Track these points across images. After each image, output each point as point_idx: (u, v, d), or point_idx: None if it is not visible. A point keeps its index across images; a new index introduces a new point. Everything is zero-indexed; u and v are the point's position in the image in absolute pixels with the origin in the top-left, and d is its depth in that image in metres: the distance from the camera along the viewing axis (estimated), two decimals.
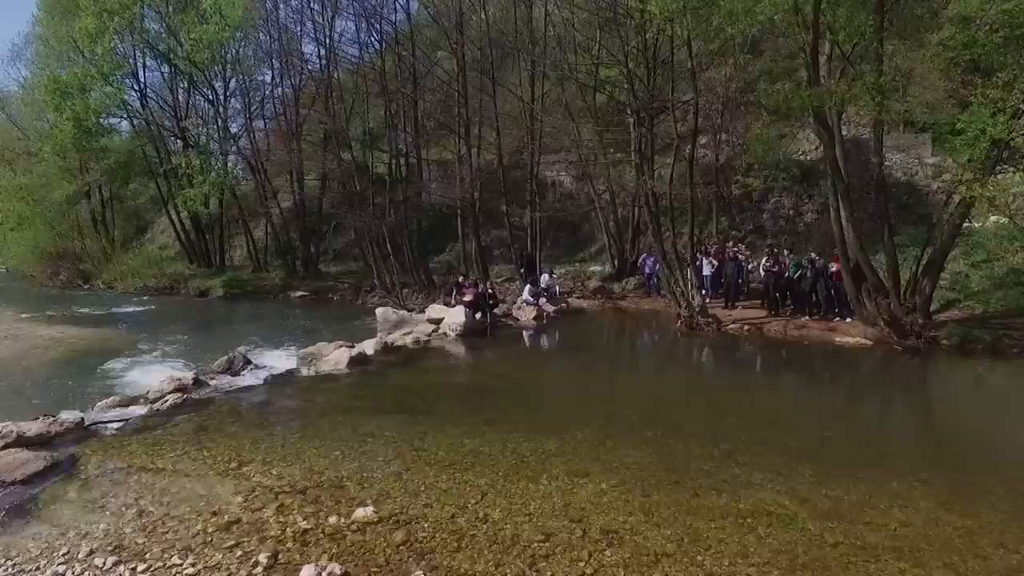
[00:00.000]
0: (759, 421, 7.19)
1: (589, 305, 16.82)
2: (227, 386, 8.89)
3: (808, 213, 19.95)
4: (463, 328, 12.44)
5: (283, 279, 24.82)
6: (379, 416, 7.35)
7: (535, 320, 14.55)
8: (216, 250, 28.59)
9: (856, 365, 10.64)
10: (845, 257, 11.99)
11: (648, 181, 12.38)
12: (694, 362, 11.42)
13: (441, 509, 4.84)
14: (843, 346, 11.49)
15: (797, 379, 9.92)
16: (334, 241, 27.71)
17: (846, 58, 11.13)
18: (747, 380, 9.79)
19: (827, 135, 11.51)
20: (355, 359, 10.10)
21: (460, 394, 8.43)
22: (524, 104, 16.70)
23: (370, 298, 21.34)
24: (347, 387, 8.92)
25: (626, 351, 12.81)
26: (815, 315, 13.07)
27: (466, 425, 7.00)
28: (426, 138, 23.43)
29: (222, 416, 7.41)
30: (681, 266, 13.95)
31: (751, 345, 11.95)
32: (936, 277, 11.51)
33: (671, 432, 6.70)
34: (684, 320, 12.92)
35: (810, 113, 11.38)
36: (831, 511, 4.77)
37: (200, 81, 23.98)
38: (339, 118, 21.21)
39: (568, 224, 23.34)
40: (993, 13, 10.79)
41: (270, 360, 11.41)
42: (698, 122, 12.69)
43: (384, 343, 11.05)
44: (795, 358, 11.10)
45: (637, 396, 8.44)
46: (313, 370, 10.01)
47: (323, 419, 7.31)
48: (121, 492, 5.23)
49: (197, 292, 24.48)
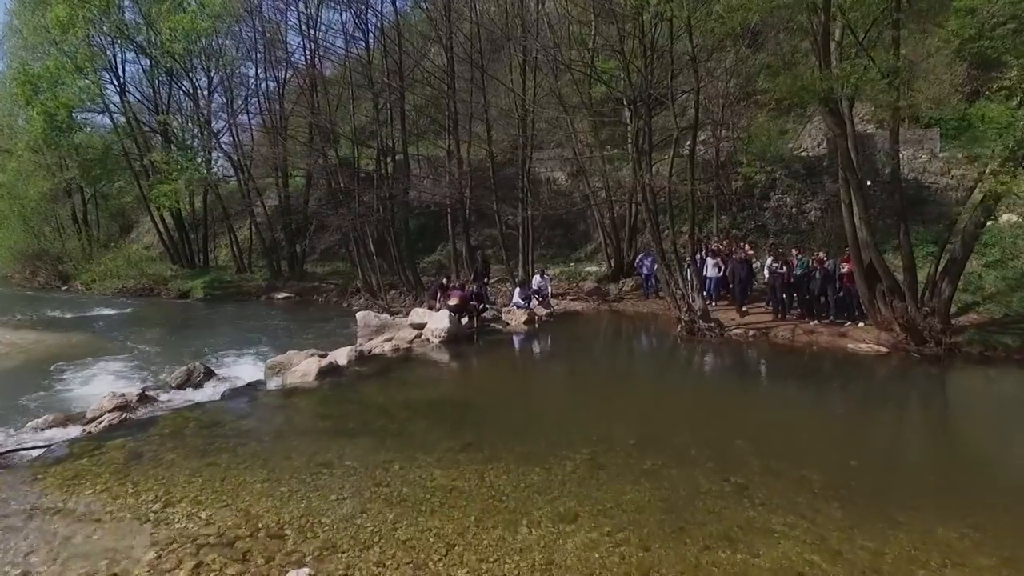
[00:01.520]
0: (773, 445, 6.32)
1: (584, 307, 15.95)
2: (179, 402, 7.99)
3: (812, 211, 19.18)
4: (447, 334, 11.55)
5: (267, 280, 23.94)
6: (341, 440, 6.46)
7: (526, 324, 13.67)
8: (200, 250, 27.69)
9: (873, 375, 9.79)
10: (858, 257, 11.15)
11: (646, 176, 11.49)
12: (696, 372, 10.54)
13: (396, 569, 3.97)
14: (856, 353, 10.64)
15: (810, 392, 9.03)
16: (321, 240, 26.76)
17: (859, 42, 10.25)
18: (756, 394, 8.91)
19: (838, 126, 10.66)
20: (325, 370, 9.20)
21: (437, 412, 7.54)
22: (516, 96, 15.77)
23: (355, 300, 20.47)
24: (312, 403, 8.02)
25: (622, 360, 11.88)
26: (824, 319, 12.23)
27: (439, 452, 6.12)
28: (416, 134, 22.60)
29: (162, 441, 6.51)
30: (681, 267, 13.10)
31: (757, 352, 11.08)
32: (956, 279, 10.68)
33: (674, 460, 5.83)
34: (684, 325, 12.06)
35: (819, 102, 10.50)
36: (871, 570, 3.90)
37: (179, 73, 22.97)
38: (324, 112, 20.28)
39: (563, 223, 22.47)
40: (1000, 4, 10.03)
41: (236, 370, 10.54)
42: (699, 113, 11.80)
43: (359, 352, 10.14)
44: (806, 367, 10.24)
45: (635, 414, 7.55)
46: (279, 382, 9.11)
47: (277, 444, 6.42)
48: (12, 542, 4.33)
49: (177, 294, 23.56)
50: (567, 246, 22.38)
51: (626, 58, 11.53)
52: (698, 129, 11.95)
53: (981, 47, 11.51)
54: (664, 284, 12.92)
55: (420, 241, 25.17)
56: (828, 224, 18.46)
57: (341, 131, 22.10)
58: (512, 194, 18.97)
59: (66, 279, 27.53)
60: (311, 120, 21.01)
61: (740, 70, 18.98)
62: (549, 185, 23.42)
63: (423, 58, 19.66)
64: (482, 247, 21.31)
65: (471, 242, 19.91)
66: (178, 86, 24.55)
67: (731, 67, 18.42)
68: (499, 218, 17.45)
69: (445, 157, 19.46)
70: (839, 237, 17.93)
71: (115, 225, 37.44)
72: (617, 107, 18.57)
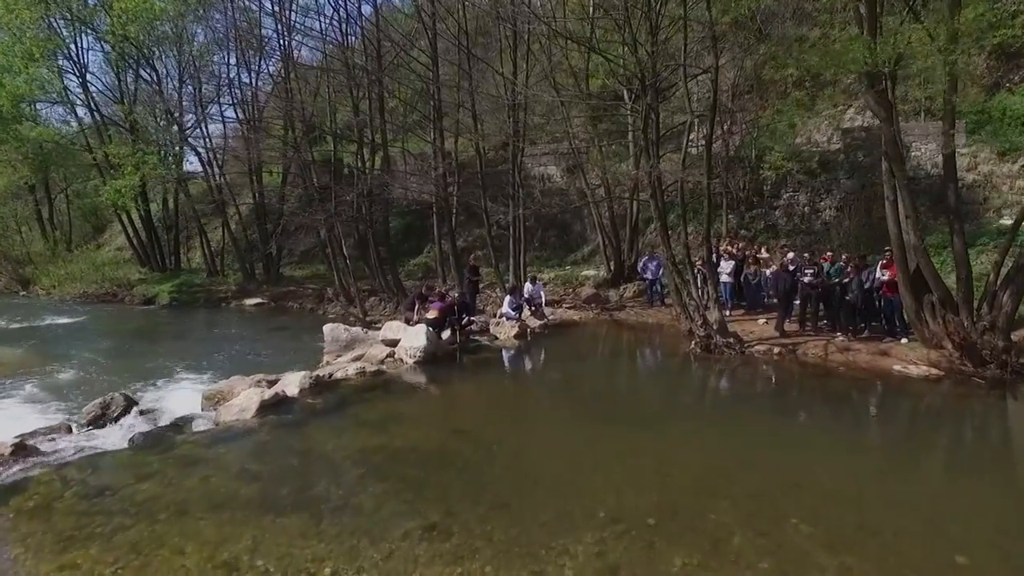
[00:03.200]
0: (842, 526, 4.67)
1: (581, 317, 14.28)
2: (70, 453, 6.28)
3: (826, 210, 17.64)
4: (423, 353, 9.84)
5: (239, 284, 22.18)
6: (264, 520, 4.78)
7: (517, 338, 12.00)
8: (172, 253, 25.88)
9: (936, 407, 8.16)
10: (903, 263, 9.54)
11: (654, 167, 9.80)
12: (721, 405, 8.80)
13: None
14: (907, 376, 9.01)
15: (871, 436, 7.16)
16: (301, 242, 25.04)
17: (909, 5, 8.61)
18: (802, 439, 7.07)
19: (884, 108, 9.01)
20: (270, 404, 7.51)
21: (398, 469, 5.86)
22: (505, 80, 14.05)
23: (332, 307, 18.79)
24: (241, 455, 6.31)
25: (629, 386, 10.02)
26: (859, 333, 10.60)
27: (393, 539, 4.46)
28: (403, 128, 20.91)
29: (16, 522, 4.82)
30: (693, 272, 11.47)
31: (788, 376, 9.42)
32: (1022, 289, 9.05)
33: (712, 555, 4.20)
34: (699, 341, 10.42)
35: (864, 79, 8.85)
36: None
37: (140, 61, 21.14)
38: (299, 102, 18.54)
39: (558, 222, 20.82)
40: None
41: (168, 399, 8.88)
42: (717, 94, 10.12)
43: (315, 378, 8.42)
44: (853, 397, 8.57)
45: (651, 470, 5.87)
46: (211, 420, 7.42)
47: (173, 526, 4.73)
48: None
49: (142, 299, 21.76)
50: (562, 248, 20.74)
51: (632, 28, 9.80)
52: (716, 114, 10.28)
53: (1003, 36, 10.00)
54: (673, 292, 11.26)
55: (406, 242, 23.49)
56: (845, 224, 16.94)
57: (317, 122, 20.40)
58: (503, 192, 17.30)
59: (26, 283, 25.64)
60: (285, 110, 19.28)
61: (746, 59, 17.50)
62: (543, 182, 21.77)
63: (406, 42, 17.89)
64: (472, 249, 19.66)
65: (456, 243, 18.22)
66: (140, 75, 22.69)
67: (739, 55, 16.93)
68: (487, 217, 15.75)
69: (431, 152, 17.75)
70: (857, 239, 16.41)
71: (88, 225, 35.63)
72: (617, 98, 16.88)
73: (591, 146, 17.27)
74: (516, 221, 15.03)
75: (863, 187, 16.93)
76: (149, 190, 24.66)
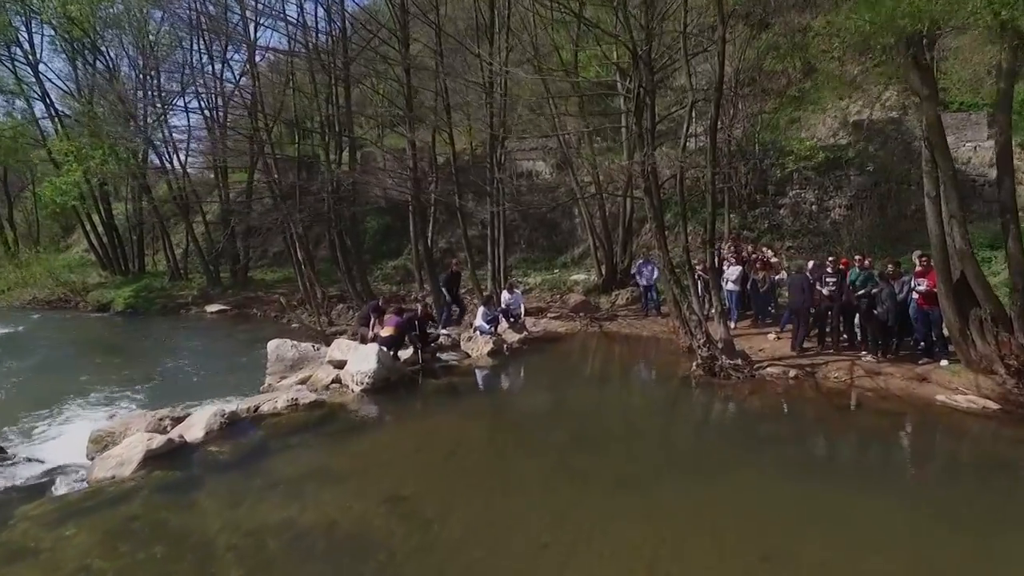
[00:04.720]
0: None
1: (567, 328, 12.66)
2: None
3: (835, 209, 16.22)
4: (373, 379, 8.21)
5: (202, 289, 20.52)
6: None
7: (491, 356, 10.39)
8: (135, 256, 24.19)
9: (995, 452, 6.57)
10: (945, 270, 7.99)
11: (650, 155, 8.17)
12: (730, 454, 6.78)
13: None
14: (953, 409, 7.43)
15: (928, 495, 5.57)
16: (274, 243, 23.37)
17: None
18: (841, 508, 5.11)
19: (927, 85, 7.44)
20: (158, 454, 5.88)
21: (295, 568, 4.24)
22: (480, 60, 12.39)
23: (297, 314, 17.15)
24: (89, 541, 4.62)
25: (617, 426, 7.83)
26: (888, 352, 9.02)
27: None
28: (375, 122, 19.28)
29: None
30: (693, 279, 9.89)
31: (809, 408, 7.80)
32: None
33: None
34: (702, 362, 8.82)
35: (904, 48, 7.25)
36: None
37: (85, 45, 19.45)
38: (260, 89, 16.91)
39: (545, 222, 19.18)
40: None
41: (55, 440, 7.26)
42: (723, 76, 8.51)
43: (227, 417, 6.77)
44: (894, 438, 6.97)
45: (643, 568, 4.27)
46: (86, 474, 5.80)
47: None
48: None
49: (96, 306, 20.06)
50: (551, 249, 19.12)
51: None
52: (721, 94, 8.68)
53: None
54: (671, 303, 9.66)
55: (385, 243, 21.88)
56: (857, 223, 15.44)
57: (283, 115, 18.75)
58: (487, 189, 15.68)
59: None
60: (251, 99, 17.64)
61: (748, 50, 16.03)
62: (531, 178, 20.18)
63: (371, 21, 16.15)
64: (454, 251, 18.05)
65: (436, 245, 16.61)
66: (93, 63, 20.97)
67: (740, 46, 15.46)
68: (461, 216, 14.12)
69: (407, 147, 16.12)
70: (870, 239, 14.89)
71: (56, 226, 33.97)
72: (609, 87, 15.28)
73: (582, 139, 15.67)
74: (495, 218, 13.39)
75: (875, 184, 15.55)
76: (118, 189, 23.02)
